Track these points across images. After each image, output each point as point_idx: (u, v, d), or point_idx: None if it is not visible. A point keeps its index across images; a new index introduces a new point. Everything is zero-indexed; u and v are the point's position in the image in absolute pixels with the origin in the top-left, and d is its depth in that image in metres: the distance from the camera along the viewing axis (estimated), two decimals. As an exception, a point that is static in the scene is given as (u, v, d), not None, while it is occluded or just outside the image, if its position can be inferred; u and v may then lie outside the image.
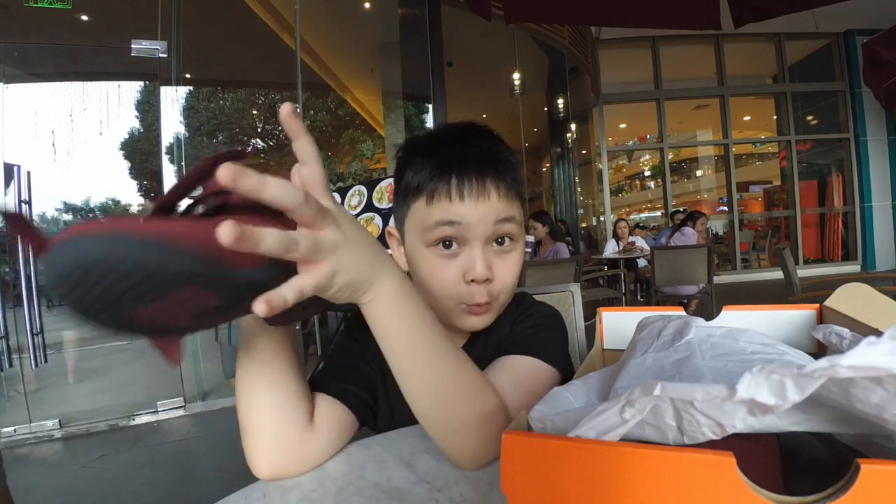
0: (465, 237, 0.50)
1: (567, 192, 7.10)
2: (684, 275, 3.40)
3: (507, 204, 0.52)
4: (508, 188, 0.52)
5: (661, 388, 0.19)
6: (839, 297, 0.38)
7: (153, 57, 2.86)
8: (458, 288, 0.51)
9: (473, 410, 0.40)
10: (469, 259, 0.50)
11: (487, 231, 0.50)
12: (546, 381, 0.51)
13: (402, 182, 0.54)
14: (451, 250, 0.51)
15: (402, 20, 4.65)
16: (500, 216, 0.50)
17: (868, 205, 7.00)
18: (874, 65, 2.71)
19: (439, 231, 0.50)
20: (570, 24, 5.14)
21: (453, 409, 0.40)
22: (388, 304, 0.37)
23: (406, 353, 0.39)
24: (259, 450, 0.43)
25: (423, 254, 0.52)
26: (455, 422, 0.40)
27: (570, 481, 0.21)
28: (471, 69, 6.15)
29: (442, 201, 0.50)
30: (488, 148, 0.53)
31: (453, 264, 0.51)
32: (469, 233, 0.50)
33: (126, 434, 2.47)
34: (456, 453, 0.41)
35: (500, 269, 0.52)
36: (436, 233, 0.50)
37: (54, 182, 3.42)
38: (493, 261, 0.51)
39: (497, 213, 0.50)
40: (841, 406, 0.20)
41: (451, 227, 0.50)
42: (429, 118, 4.58)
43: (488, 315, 0.53)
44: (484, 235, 0.50)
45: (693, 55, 7.05)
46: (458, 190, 0.50)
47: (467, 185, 0.50)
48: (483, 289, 0.51)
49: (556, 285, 0.93)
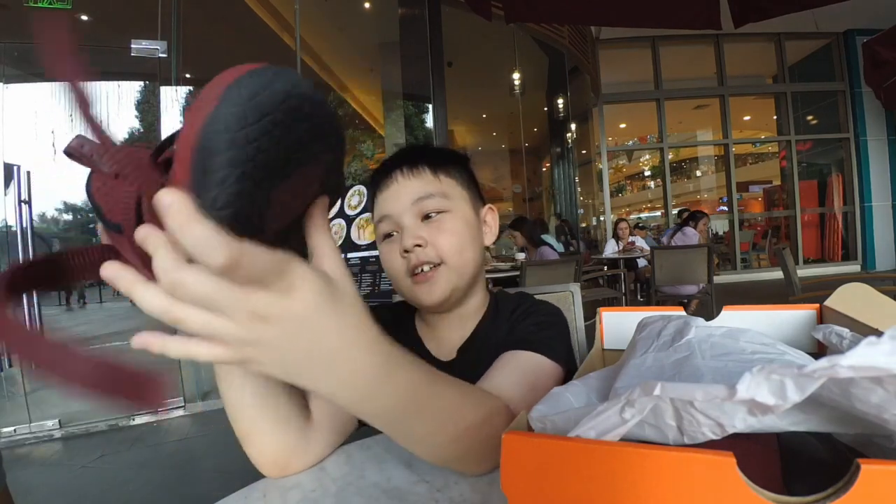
0: (397, 223, 0.57)
1: (567, 192, 7.10)
2: (684, 275, 3.40)
3: (420, 183, 0.57)
4: (421, 168, 0.58)
5: (661, 388, 0.19)
6: (839, 297, 0.38)
7: (153, 57, 2.86)
8: (399, 262, 0.57)
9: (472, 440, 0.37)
10: (401, 235, 0.57)
11: (409, 211, 0.57)
12: (550, 377, 0.51)
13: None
14: (392, 238, 0.59)
15: (402, 20, 4.64)
16: (416, 195, 0.56)
17: (868, 205, 7.00)
18: (874, 65, 2.71)
19: (380, 228, 0.60)
20: (570, 24, 5.14)
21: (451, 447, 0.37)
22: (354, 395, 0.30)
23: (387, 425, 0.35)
24: (260, 456, 0.43)
25: (380, 248, 0.61)
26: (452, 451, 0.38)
27: (570, 481, 0.21)
28: (471, 69, 6.15)
29: (375, 205, 0.61)
30: (406, 151, 0.61)
31: (394, 245, 0.58)
32: (397, 218, 0.57)
33: (126, 434, 2.46)
34: (458, 469, 0.40)
35: (431, 235, 0.56)
36: (378, 230, 0.60)
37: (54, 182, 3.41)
38: (421, 230, 0.56)
39: (411, 193, 0.57)
40: (841, 406, 0.20)
41: (385, 221, 0.58)
42: (429, 118, 4.58)
43: (437, 283, 0.56)
44: (408, 215, 0.57)
45: (693, 55, 7.05)
46: (378, 188, 0.60)
47: (383, 181, 0.59)
48: (416, 254, 0.56)
49: (556, 285, 0.93)
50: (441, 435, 0.36)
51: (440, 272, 0.56)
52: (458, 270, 0.57)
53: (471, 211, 0.61)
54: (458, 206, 0.59)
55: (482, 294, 0.64)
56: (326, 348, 0.27)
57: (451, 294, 0.57)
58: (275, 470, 0.43)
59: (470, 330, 0.62)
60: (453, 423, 0.36)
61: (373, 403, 0.32)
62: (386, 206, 0.58)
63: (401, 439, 0.36)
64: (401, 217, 0.57)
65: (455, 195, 0.59)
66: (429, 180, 0.58)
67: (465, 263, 0.58)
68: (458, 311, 0.61)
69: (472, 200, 0.62)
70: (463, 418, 0.37)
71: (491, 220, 0.65)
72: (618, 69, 7.02)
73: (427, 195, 0.57)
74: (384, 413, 0.33)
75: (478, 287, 0.63)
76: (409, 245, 0.55)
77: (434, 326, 0.63)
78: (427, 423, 0.35)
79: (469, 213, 0.60)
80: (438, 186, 0.58)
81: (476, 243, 0.60)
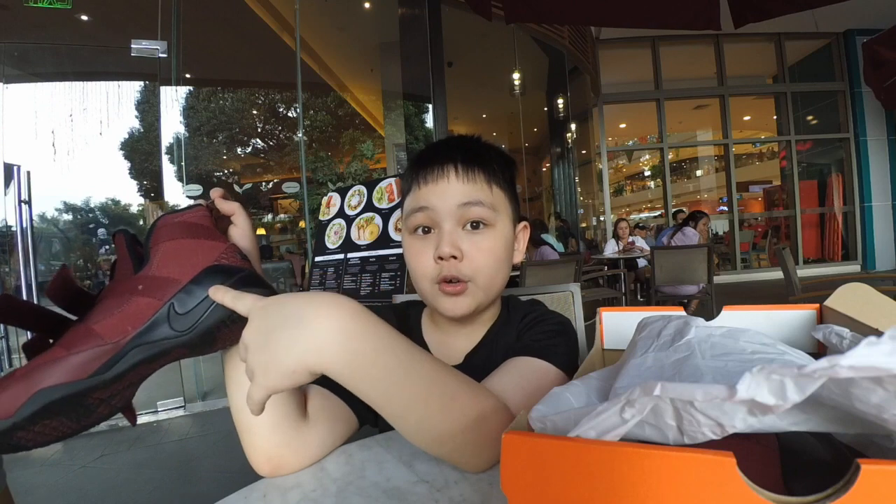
0: (435, 221, 0.54)
1: (567, 192, 7.11)
2: (684, 275, 3.40)
3: (472, 188, 0.54)
4: (476, 173, 0.54)
5: (661, 388, 0.19)
6: (839, 297, 0.38)
7: (153, 57, 2.86)
8: (430, 266, 0.54)
9: (467, 422, 0.38)
10: (438, 238, 0.53)
11: (454, 214, 0.53)
12: (552, 383, 0.51)
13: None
14: (426, 234, 0.55)
15: (402, 20, 4.65)
16: (464, 199, 0.53)
17: (868, 205, 7.01)
18: (874, 65, 2.71)
19: (414, 218, 0.55)
20: (570, 24, 5.14)
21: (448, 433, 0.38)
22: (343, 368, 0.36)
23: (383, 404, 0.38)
24: (257, 447, 0.43)
25: (407, 240, 0.57)
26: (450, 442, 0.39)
27: (570, 481, 0.21)
28: (471, 69, 6.15)
29: (414, 191, 0.56)
30: (461, 143, 0.57)
31: (427, 245, 0.54)
32: (437, 216, 0.53)
33: (126, 434, 2.46)
34: (458, 464, 0.40)
35: (470, 250, 0.53)
36: (411, 220, 0.55)
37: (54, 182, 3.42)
38: (462, 241, 0.53)
39: (460, 196, 0.53)
40: (841, 406, 0.20)
41: (423, 212, 0.54)
42: (429, 118, 4.59)
43: (464, 299, 0.54)
44: (451, 218, 0.53)
45: (693, 55, 7.05)
46: (424, 177, 0.55)
47: (431, 173, 0.54)
48: (451, 265, 0.53)
49: (556, 285, 0.93)
50: (440, 423, 0.37)
51: (469, 289, 0.54)
52: (485, 290, 0.55)
53: (511, 228, 0.58)
54: (502, 223, 0.56)
55: (496, 303, 0.63)
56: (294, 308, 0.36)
57: (475, 310, 0.56)
58: (269, 468, 0.43)
59: (480, 336, 0.61)
60: (450, 408, 0.38)
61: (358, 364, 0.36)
62: (429, 199, 0.54)
63: (400, 423, 0.38)
64: (443, 217, 0.53)
65: (501, 209, 0.56)
66: (482, 187, 0.54)
67: (494, 285, 0.56)
68: (468, 321, 0.60)
69: (514, 214, 0.59)
70: (461, 404, 0.38)
71: (523, 237, 0.62)
72: (618, 69, 7.02)
73: (477, 201, 0.53)
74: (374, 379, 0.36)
75: (496, 299, 0.62)
76: (445, 253, 0.52)
77: (444, 330, 0.62)
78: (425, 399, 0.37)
79: (509, 232, 0.57)
80: (489, 197, 0.54)
81: (508, 264, 0.58)
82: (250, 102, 7.69)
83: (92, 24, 3.90)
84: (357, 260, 2.33)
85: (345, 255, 2.41)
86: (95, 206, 4.03)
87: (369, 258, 2.28)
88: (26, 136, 3.19)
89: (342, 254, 2.42)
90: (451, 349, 0.61)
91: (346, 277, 2.36)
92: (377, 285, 2.21)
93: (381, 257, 2.21)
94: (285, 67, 4.07)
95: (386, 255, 2.18)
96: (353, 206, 2.48)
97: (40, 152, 3.24)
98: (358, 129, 6.88)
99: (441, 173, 0.54)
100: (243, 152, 7.97)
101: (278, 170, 7.96)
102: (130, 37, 2.84)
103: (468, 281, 0.53)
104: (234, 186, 7.43)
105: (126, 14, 3.76)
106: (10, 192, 2.67)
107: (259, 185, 7.96)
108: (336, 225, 2.53)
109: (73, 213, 3.89)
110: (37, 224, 3.05)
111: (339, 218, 2.53)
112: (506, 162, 0.58)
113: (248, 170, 8.09)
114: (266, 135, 8.08)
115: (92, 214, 3.97)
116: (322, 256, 2.54)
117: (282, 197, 7.68)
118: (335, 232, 2.51)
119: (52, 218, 3.80)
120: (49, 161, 3.30)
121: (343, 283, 2.36)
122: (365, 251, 2.32)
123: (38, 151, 3.23)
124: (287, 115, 7.58)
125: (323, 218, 2.64)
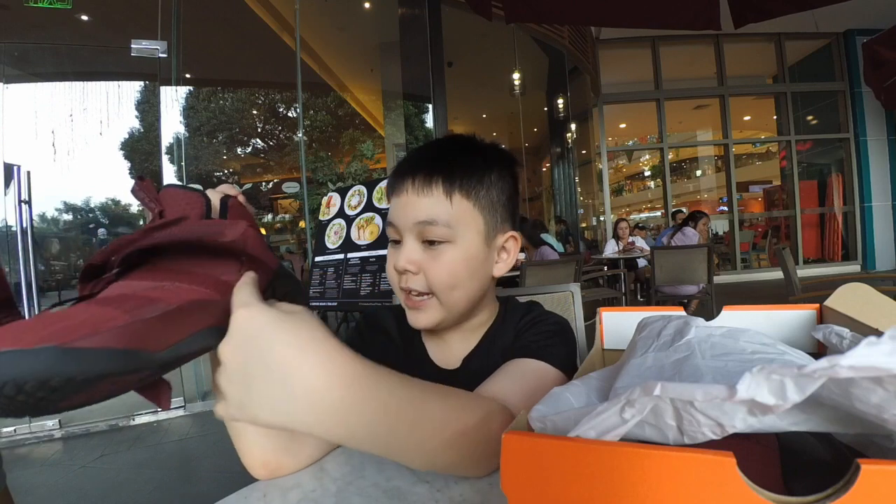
0: (400, 234, 0.54)
1: (567, 192, 7.11)
2: (684, 275, 3.40)
3: (429, 202, 0.52)
4: (434, 186, 0.53)
5: (661, 388, 0.19)
6: (839, 297, 0.38)
7: (153, 57, 2.86)
8: (395, 276, 0.55)
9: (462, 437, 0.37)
10: (399, 251, 0.55)
11: (412, 229, 0.53)
12: (551, 384, 0.50)
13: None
14: (396, 244, 0.56)
15: (402, 20, 4.65)
16: (419, 218, 0.52)
17: (868, 205, 7.01)
18: (874, 65, 2.71)
19: (388, 230, 0.57)
20: (570, 24, 5.14)
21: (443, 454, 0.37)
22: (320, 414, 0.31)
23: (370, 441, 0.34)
24: (251, 452, 0.43)
25: (388, 250, 0.58)
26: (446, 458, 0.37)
27: (570, 481, 0.21)
28: (471, 69, 6.15)
29: (390, 203, 0.57)
30: (426, 153, 0.57)
31: (394, 255, 0.56)
32: (400, 230, 0.54)
33: (126, 434, 2.46)
34: (457, 474, 0.40)
35: (428, 266, 0.53)
36: (387, 230, 0.57)
37: (54, 182, 3.42)
38: (421, 256, 0.53)
39: (416, 212, 0.52)
40: (841, 406, 0.20)
41: (390, 227, 0.56)
42: (429, 118, 4.59)
43: (424, 313, 0.54)
44: (411, 233, 0.53)
45: (693, 55, 7.05)
46: (392, 190, 0.56)
47: (394, 186, 0.55)
48: (407, 278, 0.53)
49: (556, 285, 0.93)
50: (430, 442, 0.35)
51: (430, 303, 0.54)
52: (447, 305, 0.54)
53: (479, 242, 0.54)
54: (464, 237, 0.53)
55: (490, 307, 0.62)
56: (279, 357, 0.30)
57: (440, 324, 0.55)
58: (265, 472, 0.43)
59: (476, 340, 0.60)
60: (440, 430, 0.35)
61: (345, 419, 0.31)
62: (393, 213, 0.55)
63: (391, 455, 0.35)
64: (404, 232, 0.54)
65: (464, 222, 0.53)
66: (438, 201, 0.52)
67: (455, 301, 0.54)
68: (462, 325, 0.60)
69: (486, 227, 0.55)
70: (449, 424, 0.36)
71: (512, 247, 0.59)
72: (618, 69, 7.02)
73: (430, 221, 0.51)
74: (361, 429, 0.32)
75: (484, 303, 0.60)
76: (400, 267, 0.53)
77: (440, 335, 0.61)
78: (411, 434, 0.34)
79: (475, 245, 0.54)
80: (447, 211, 0.52)
81: (474, 279, 0.55)
82: (250, 102, 7.70)
83: (92, 24, 3.91)
84: (357, 260, 2.33)
85: (345, 255, 2.41)
86: (95, 206, 4.03)
87: (369, 258, 2.28)
88: (26, 136, 3.18)
89: (342, 254, 2.43)
90: (448, 352, 0.61)
91: (346, 277, 2.36)
92: (377, 285, 2.21)
93: (381, 257, 2.21)
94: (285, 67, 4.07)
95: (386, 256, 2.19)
96: (353, 206, 2.48)
97: (40, 152, 3.24)
98: (358, 129, 6.88)
99: (402, 188, 0.54)
100: (243, 152, 7.98)
101: (278, 170, 7.97)
102: (130, 37, 2.84)
103: (430, 294, 0.53)
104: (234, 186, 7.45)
105: (126, 14, 3.76)
106: (10, 192, 2.67)
107: (259, 185, 7.97)
108: (336, 225, 2.53)
109: (73, 213, 3.89)
110: (37, 224, 3.05)
111: (339, 218, 2.53)
112: (485, 161, 0.56)
113: (248, 170, 8.10)
114: (266, 135, 8.09)
115: (92, 214, 3.97)
116: (322, 256, 2.55)
117: (282, 197, 7.69)
118: (335, 232, 2.51)
119: (52, 218, 3.80)
120: (49, 161, 3.30)
121: (343, 283, 2.36)
122: (365, 251, 2.32)
123: (38, 151, 3.23)
124: (287, 115, 7.59)
125: (323, 218, 2.64)
